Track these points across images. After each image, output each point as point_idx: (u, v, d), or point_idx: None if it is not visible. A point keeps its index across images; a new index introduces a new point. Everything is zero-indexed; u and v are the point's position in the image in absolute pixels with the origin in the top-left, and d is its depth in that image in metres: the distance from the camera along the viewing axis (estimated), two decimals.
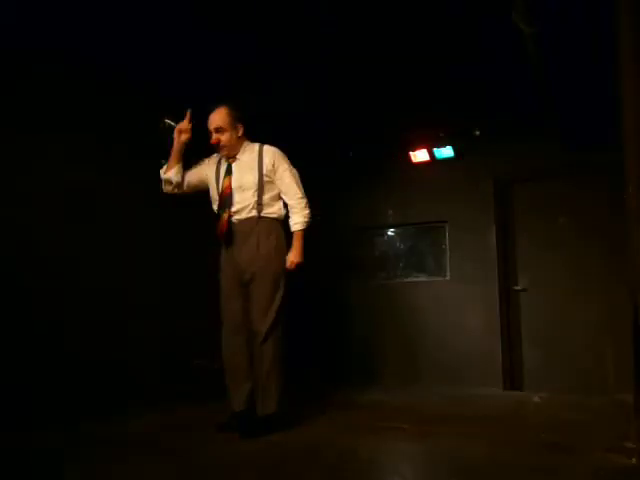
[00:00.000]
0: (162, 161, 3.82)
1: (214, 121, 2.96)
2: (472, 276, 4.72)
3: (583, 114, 4.03)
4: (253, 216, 2.92)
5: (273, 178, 2.98)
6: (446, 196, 4.87)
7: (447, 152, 4.84)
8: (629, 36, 2.29)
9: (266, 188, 2.95)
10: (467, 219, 4.81)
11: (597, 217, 4.33)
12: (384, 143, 5.02)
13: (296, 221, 2.98)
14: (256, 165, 2.96)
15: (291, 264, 2.94)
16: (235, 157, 3.01)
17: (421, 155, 4.92)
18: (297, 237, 2.97)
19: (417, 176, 4.98)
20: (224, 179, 2.98)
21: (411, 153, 4.94)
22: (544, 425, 3.03)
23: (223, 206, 2.94)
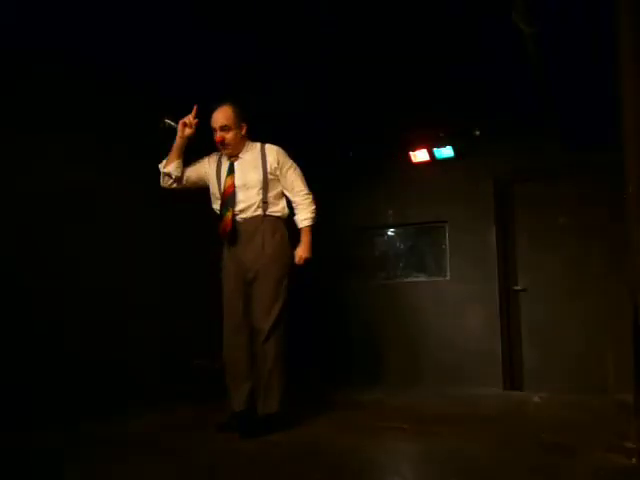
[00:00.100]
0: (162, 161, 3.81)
1: (219, 119, 2.93)
2: (472, 276, 4.72)
3: (583, 114, 4.03)
4: (258, 215, 2.91)
5: (277, 176, 2.98)
6: (446, 196, 4.86)
7: (447, 152, 4.84)
8: (629, 36, 2.29)
9: (270, 186, 2.95)
10: (467, 219, 4.81)
11: (597, 217, 4.32)
12: (384, 143, 5.02)
13: (304, 217, 3.00)
14: (260, 163, 2.96)
15: (300, 259, 2.95)
16: (237, 156, 3.00)
17: (421, 155, 4.92)
18: (305, 233, 2.99)
19: (417, 176, 4.98)
20: (227, 178, 2.96)
21: (411, 153, 4.93)
22: (544, 425, 3.02)
23: (227, 205, 2.92)
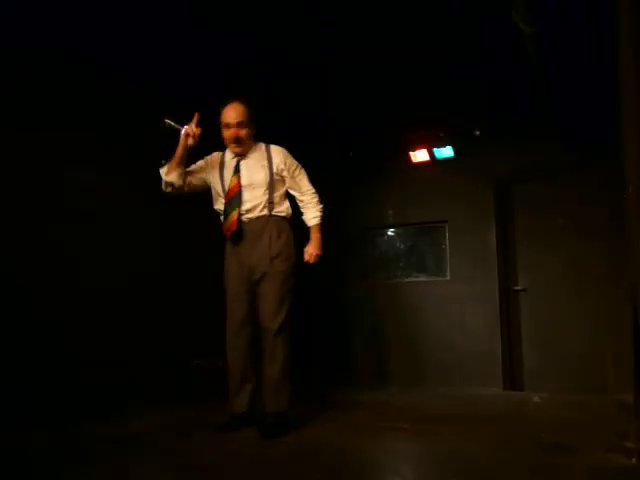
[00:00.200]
0: (163, 161, 3.81)
1: (236, 115, 2.89)
2: (472, 276, 4.72)
3: (583, 114, 4.03)
4: (264, 215, 2.91)
5: (283, 177, 2.98)
6: (446, 196, 4.86)
7: (447, 152, 4.84)
8: (629, 36, 2.29)
9: (276, 187, 2.95)
10: (467, 219, 4.81)
11: (597, 217, 4.32)
12: (384, 143, 5.02)
13: (313, 215, 3.02)
14: (266, 164, 2.95)
15: (310, 256, 2.97)
16: (244, 155, 2.98)
17: (421, 155, 4.92)
18: (316, 230, 3.02)
19: (417, 176, 4.98)
20: (232, 177, 2.94)
21: (411, 153, 4.93)
22: (544, 425, 3.02)
23: (232, 204, 2.90)
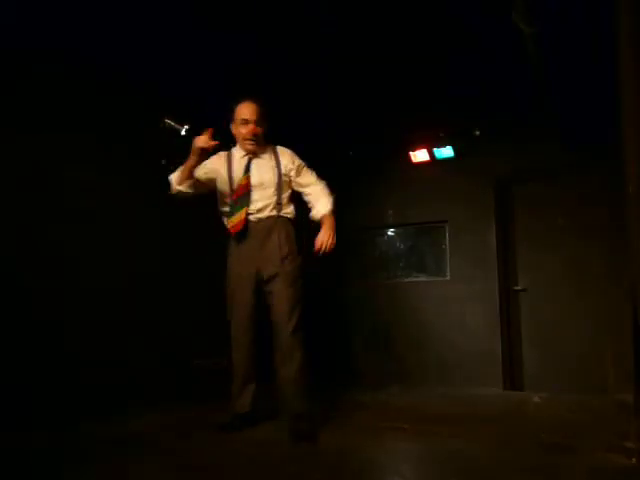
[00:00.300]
0: (163, 161, 3.80)
1: (254, 112, 2.89)
2: (472, 276, 4.72)
3: (583, 114, 4.03)
4: (273, 215, 2.91)
5: (290, 178, 2.97)
6: (446, 196, 4.86)
7: (447, 152, 4.84)
8: (629, 36, 2.29)
9: (284, 188, 2.95)
10: (467, 219, 4.81)
11: (597, 217, 4.32)
12: (384, 143, 5.02)
13: (327, 202, 2.96)
14: (275, 164, 2.95)
15: (323, 244, 2.86)
16: (255, 154, 2.96)
17: (421, 155, 4.92)
18: (330, 218, 2.94)
19: (417, 176, 4.98)
20: (243, 176, 2.91)
21: (411, 153, 4.93)
22: (544, 425, 3.02)
23: (241, 203, 2.88)
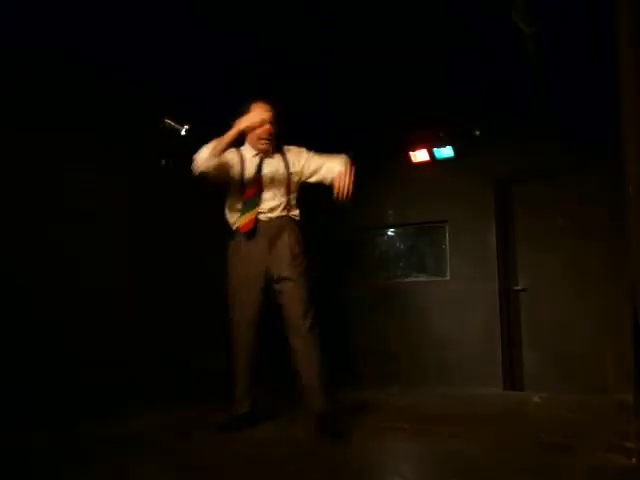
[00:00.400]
0: (162, 161, 3.80)
1: (271, 113, 2.90)
2: (472, 276, 4.72)
3: (583, 114, 4.03)
4: (283, 215, 2.91)
5: (304, 171, 2.96)
6: (446, 196, 4.86)
7: (447, 152, 4.84)
8: (629, 36, 2.29)
9: (292, 188, 2.96)
10: (467, 219, 4.81)
11: (597, 217, 4.32)
12: (384, 143, 5.02)
13: (342, 157, 2.86)
14: (284, 164, 2.96)
15: (342, 188, 2.73)
16: (267, 154, 2.96)
17: (421, 155, 4.92)
18: (346, 165, 2.80)
19: (417, 176, 4.98)
20: (255, 175, 2.91)
21: (411, 153, 4.94)
22: (544, 425, 3.02)
23: (252, 202, 2.88)
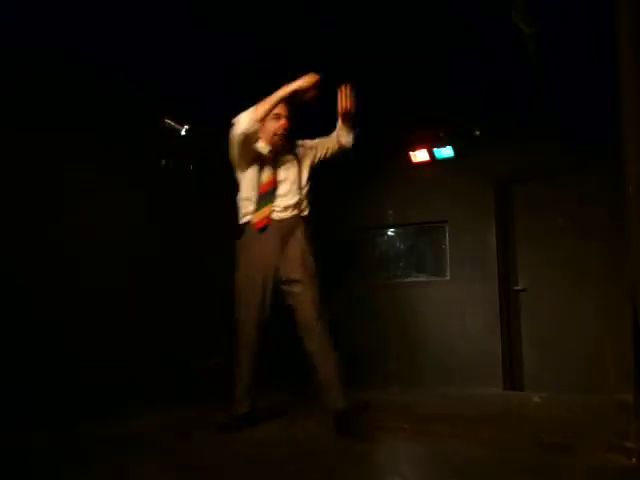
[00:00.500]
0: (162, 161, 3.81)
1: (287, 108, 2.90)
2: (472, 276, 4.72)
3: (583, 114, 4.03)
4: (296, 214, 2.90)
5: (311, 161, 2.98)
6: (446, 196, 4.86)
7: (447, 152, 4.84)
8: (629, 36, 2.29)
9: (305, 184, 2.96)
10: (467, 219, 4.81)
11: (597, 217, 4.32)
12: (384, 143, 5.02)
13: None
14: (296, 161, 2.95)
15: (345, 105, 2.83)
16: (281, 151, 2.95)
17: (421, 155, 4.92)
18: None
19: (417, 176, 4.98)
20: (269, 172, 2.89)
21: (411, 153, 4.94)
22: (544, 425, 3.01)
23: (266, 199, 2.85)
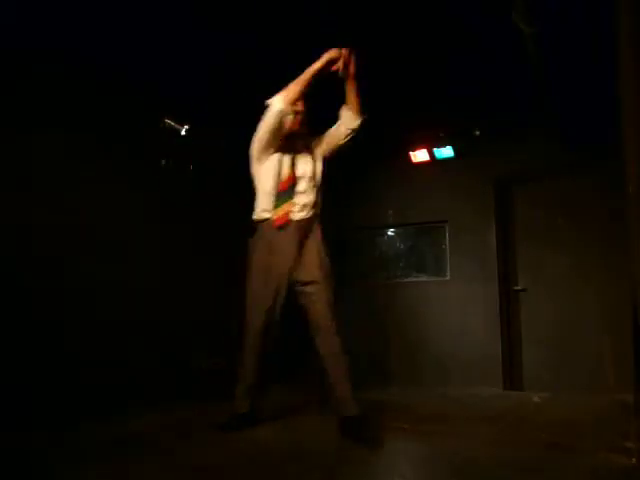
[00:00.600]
0: (162, 161, 3.80)
1: (304, 105, 2.88)
2: (472, 276, 4.72)
3: (583, 114, 4.03)
4: (312, 214, 2.89)
5: (322, 153, 2.97)
6: (446, 196, 4.87)
7: (447, 152, 4.84)
8: (629, 36, 2.29)
9: (319, 179, 2.95)
10: (467, 219, 4.81)
11: (597, 217, 4.33)
12: (384, 143, 5.02)
13: None
14: (311, 157, 2.94)
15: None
16: (297, 148, 2.93)
17: (421, 155, 4.92)
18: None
19: (417, 176, 4.98)
20: (288, 169, 2.86)
21: (411, 153, 4.94)
22: (544, 425, 3.02)
23: (285, 196, 2.83)
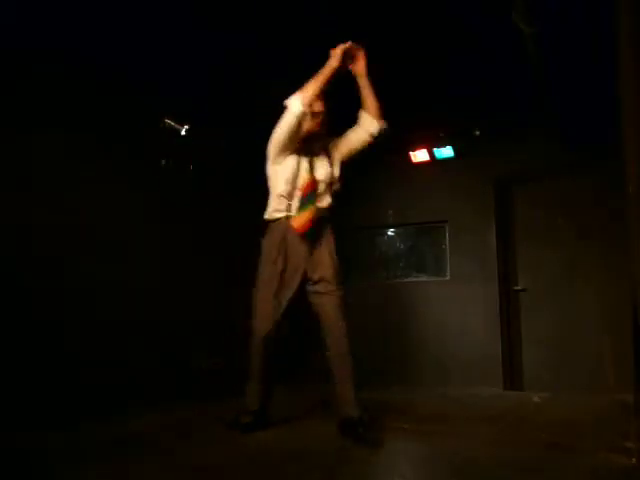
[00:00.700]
0: (162, 161, 3.80)
1: (324, 106, 2.87)
2: (472, 276, 4.72)
3: (583, 114, 4.03)
4: (327, 216, 2.89)
5: (339, 156, 2.96)
6: (446, 196, 4.87)
7: (447, 152, 4.84)
8: (629, 36, 2.29)
9: (336, 182, 2.94)
10: (467, 219, 4.81)
11: (597, 217, 4.33)
12: (384, 143, 5.01)
13: None
14: (327, 160, 2.93)
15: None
16: (315, 150, 2.91)
17: (421, 155, 4.92)
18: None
19: (417, 176, 4.99)
20: (308, 172, 2.85)
21: (411, 153, 4.94)
22: (544, 425, 3.02)
23: (309, 200, 2.82)
